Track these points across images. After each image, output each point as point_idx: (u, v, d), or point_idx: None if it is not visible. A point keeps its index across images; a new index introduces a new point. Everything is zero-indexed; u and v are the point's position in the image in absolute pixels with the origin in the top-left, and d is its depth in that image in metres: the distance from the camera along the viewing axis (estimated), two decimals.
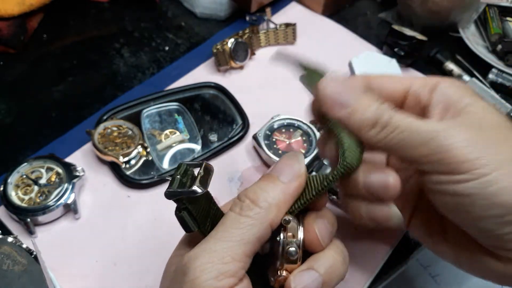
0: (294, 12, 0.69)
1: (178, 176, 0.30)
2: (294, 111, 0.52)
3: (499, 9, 0.68)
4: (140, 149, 0.49)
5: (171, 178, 0.30)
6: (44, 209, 0.43)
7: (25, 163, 0.46)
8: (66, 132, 0.52)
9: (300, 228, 0.31)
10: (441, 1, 0.63)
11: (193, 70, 0.60)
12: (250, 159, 0.52)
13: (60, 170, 0.46)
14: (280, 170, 0.31)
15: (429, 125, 0.30)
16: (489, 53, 0.65)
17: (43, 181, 0.46)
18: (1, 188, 0.44)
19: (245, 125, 0.53)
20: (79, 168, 0.46)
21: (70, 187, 0.45)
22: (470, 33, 0.67)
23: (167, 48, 0.63)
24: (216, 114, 0.55)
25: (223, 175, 0.50)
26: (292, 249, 0.30)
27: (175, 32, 0.65)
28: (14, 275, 0.38)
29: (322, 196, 0.32)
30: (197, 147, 0.51)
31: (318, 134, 0.51)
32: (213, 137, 0.52)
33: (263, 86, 0.58)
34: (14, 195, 0.44)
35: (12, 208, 0.43)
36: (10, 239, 0.40)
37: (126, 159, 0.48)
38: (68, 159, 0.49)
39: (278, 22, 0.64)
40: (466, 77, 0.62)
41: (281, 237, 0.30)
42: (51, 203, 0.44)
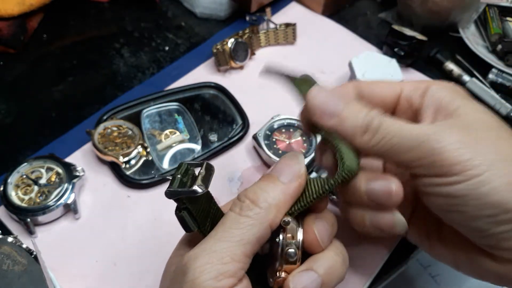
0: (294, 12, 0.69)
1: (179, 176, 0.30)
2: (294, 111, 0.51)
3: (499, 9, 0.68)
4: (140, 149, 0.49)
5: (172, 178, 0.30)
6: (44, 209, 0.43)
7: (25, 163, 0.46)
8: (66, 132, 0.52)
9: (300, 230, 0.31)
10: (441, 1, 0.63)
11: (193, 70, 0.60)
12: (250, 159, 0.52)
13: (60, 170, 0.46)
14: (280, 171, 0.31)
15: (420, 129, 0.30)
16: (489, 53, 0.65)
17: (43, 181, 0.46)
18: (1, 188, 0.44)
19: (245, 125, 0.53)
20: (79, 168, 0.46)
21: (70, 187, 0.45)
22: (470, 33, 0.67)
23: (167, 48, 0.63)
24: (216, 114, 0.55)
25: (223, 175, 0.50)
26: (291, 251, 0.30)
27: (175, 32, 0.65)
28: (14, 275, 0.38)
29: (323, 199, 0.32)
30: (197, 147, 0.51)
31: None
32: (213, 137, 0.52)
33: (263, 86, 0.58)
34: (14, 195, 0.44)
35: (12, 208, 0.43)
36: (10, 239, 0.40)
37: (126, 159, 0.48)
38: (68, 159, 0.49)
39: (278, 22, 0.64)
40: (466, 77, 0.62)
41: (280, 238, 0.30)
42: (51, 203, 0.44)
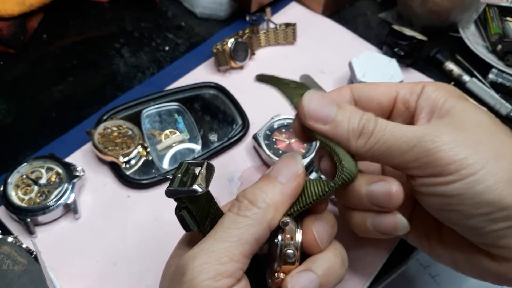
0: (294, 12, 0.69)
1: (179, 175, 0.30)
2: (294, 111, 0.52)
3: (499, 9, 0.68)
4: (140, 149, 0.49)
5: (172, 177, 0.30)
6: (44, 209, 0.43)
7: (25, 163, 0.46)
8: (66, 132, 0.52)
9: (299, 231, 0.31)
10: (441, 1, 0.63)
11: (193, 70, 0.60)
12: (250, 159, 0.52)
13: (60, 170, 0.46)
14: (278, 171, 0.31)
15: (414, 130, 0.30)
16: (489, 53, 0.65)
17: (43, 181, 0.46)
18: (1, 188, 0.44)
19: (245, 125, 0.53)
20: (79, 168, 0.46)
21: (70, 187, 0.45)
22: (470, 33, 0.67)
23: (167, 48, 0.63)
24: (216, 114, 0.55)
25: (223, 175, 0.50)
26: (290, 252, 0.30)
27: (175, 32, 0.65)
28: (14, 275, 0.37)
29: (323, 201, 0.32)
30: (197, 147, 0.51)
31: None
32: (213, 137, 0.52)
33: (263, 86, 0.58)
34: (14, 195, 0.44)
35: (12, 208, 0.43)
36: (10, 239, 0.40)
37: (126, 159, 0.48)
38: (68, 159, 0.49)
39: (278, 22, 0.64)
40: (466, 77, 0.62)
41: (279, 239, 0.30)
42: (51, 203, 0.44)
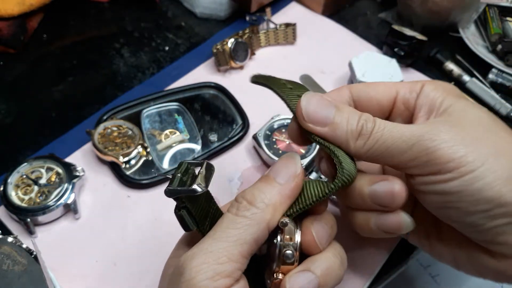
0: (294, 12, 0.69)
1: (179, 175, 0.30)
2: None
3: (499, 9, 0.68)
4: (140, 149, 0.49)
5: (172, 176, 0.30)
6: (44, 209, 0.43)
7: (25, 163, 0.46)
8: (66, 132, 0.52)
9: (298, 231, 0.31)
10: (441, 1, 0.63)
11: (193, 70, 0.60)
12: (250, 159, 0.52)
13: (60, 170, 0.46)
14: (277, 172, 0.31)
15: (412, 130, 0.30)
16: (489, 53, 0.65)
17: (43, 181, 0.46)
18: (1, 188, 0.44)
19: (245, 125, 0.53)
20: (79, 168, 0.46)
21: (70, 187, 0.45)
22: (470, 33, 0.67)
23: (167, 48, 0.63)
24: (216, 114, 0.55)
25: (223, 175, 0.50)
26: (289, 252, 0.30)
27: (175, 32, 0.65)
28: (14, 275, 0.38)
29: (322, 202, 0.32)
30: (197, 147, 0.51)
31: None
32: (213, 137, 0.52)
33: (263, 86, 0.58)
34: (14, 195, 0.44)
35: (12, 208, 0.43)
36: (10, 239, 0.40)
37: (126, 159, 0.48)
38: (68, 159, 0.49)
39: (278, 22, 0.64)
40: (466, 77, 0.62)
41: (278, 240, 0.30)
42: (51, 203, 0.44)
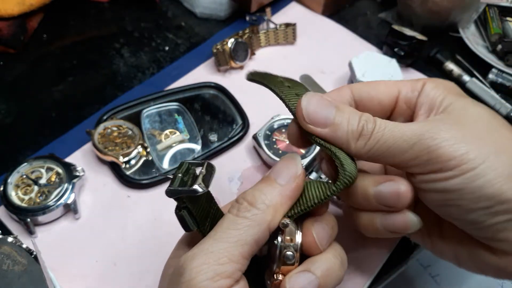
0: (294, 12, 0.69)
1: (180, 175, 0.30)
2: None
3: (499, 9, 0.68)
4: (140, 149, 0.49)
5: (173, 176, 0.30)
6: (44, 209, 0.43)
7: (25, 163, 0.46)
8: (66, 132, 0.52)
9: (298, 232, 0.31)
10: (441, 1, 0.63)
11: (193, 70, 0.60)
12: (250, 159, 0.52)
13: (60, 170, 0.46)
14: (278, 173, 0.31)
15: (413, 129, 0.30)
16: (489, 53, 0.65)
17: (43, 181, 0.46)
18: (1, 188, 0.44)
19: (245, 125, 0.53)
20: (79, 168, 0.46)
21: (70, 187, 0.45)
22: (470, 33, 0.67)
23: (167, 48, 0.63)
24: (216, 114, 0.55)
25: (223, 175, 0.50)
26: (289, 253, 0.30)
27: (175, 32, 0.65)
28: (14, 275, 0.37)
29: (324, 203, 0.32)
30: (197, 147, 0.51)
31: None
32: (213, 137, 0.52)
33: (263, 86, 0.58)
34: (14, 195, 0.44)
35: (12, 208, 0.43)
36: (10, 239, 0.40)
37: (126, 159, 0.48)
38: (68, 159, 0.49)
39: (278, 22, 0.64)
40: (466, 77, 0.62)
41: (279, 241, 0.30)
42: (51, 203, 0.44)
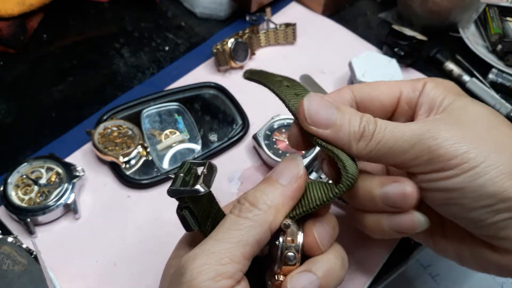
0: (294, 12, 0.69)
1: (181, 175, 0.30)
2: None
3: (499, 9, 0.68)
4: (140, 149, 0.49)
5: (174, 176, 0.30)
6: (44, 209, 0.43)
7: (25, 163, 0.46)
8: (66, 132, 0.52)
9: (300, 233, 0.31)
10: (441, 1, 0.63)
11: (193, 70, 0.60)
12: (250, 159, 0.52)
13: (60, 170, 0.46)
14: (279, 173, 0.31)
15: (413, 129, 0.30)
16: (489, 53, 0.65)
17: (43, 181, 0.46)
18: (1, 188, 0.44)
19: (245, 125, 0.53)
20: (79, 168, 0.46)
21: (70, 187, 0.45)
22: (470, 33, 0.67)
23: (167, 48, 0.63)
24: (216, 114, 0.55)
25: (223, 175, 0.50)
26: (291, 254, 0.30)
27: (175, 32, 0.65)
28: (14, 275, 0.37)
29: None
30: (197, 147, 0.51)
31: None
32: (213, 137, 0.52)
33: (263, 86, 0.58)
34: (14, 195, 0.44)
35: (12, 208, 0.43)
36: (10, 239, 0.40)
37: (126, 159, 0.48)
38: (68, 159, 0.49)
39: (278, 22, 0.64)
40: (466, 77, 0.62)
41: (280, 241, 0.30)
42: (51, 203, 0.44)
